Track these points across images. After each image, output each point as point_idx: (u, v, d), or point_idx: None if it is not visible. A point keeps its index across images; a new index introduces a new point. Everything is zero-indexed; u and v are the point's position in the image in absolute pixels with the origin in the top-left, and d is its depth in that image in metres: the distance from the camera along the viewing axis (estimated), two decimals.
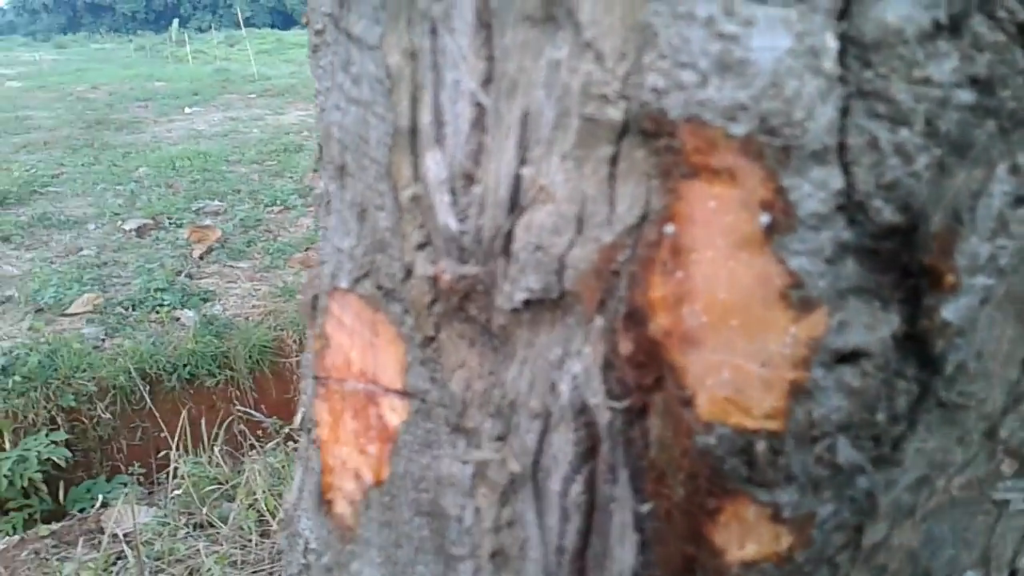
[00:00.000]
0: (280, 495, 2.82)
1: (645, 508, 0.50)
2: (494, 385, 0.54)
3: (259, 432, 3.19)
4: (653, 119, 0.44)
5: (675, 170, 0.45)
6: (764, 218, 0.44)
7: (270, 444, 3.04)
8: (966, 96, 0.43)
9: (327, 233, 0.64)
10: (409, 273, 0.55)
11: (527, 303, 0.49)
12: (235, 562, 2.32)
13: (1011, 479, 0.51)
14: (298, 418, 1.33)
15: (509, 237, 0.50)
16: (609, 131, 0.45)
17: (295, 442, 3.17)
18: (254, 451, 2.99)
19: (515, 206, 0.49)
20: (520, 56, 0.48)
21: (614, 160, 0.46)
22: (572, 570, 0.54)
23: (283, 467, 2.72)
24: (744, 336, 0.46)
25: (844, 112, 0.43)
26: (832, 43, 0.42)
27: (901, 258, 0.45)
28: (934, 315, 0.45)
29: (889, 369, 0.46)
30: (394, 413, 0.59)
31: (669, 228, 0.46)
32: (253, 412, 3.30)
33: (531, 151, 0.48)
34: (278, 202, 5.59)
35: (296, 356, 3.90)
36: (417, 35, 0.51)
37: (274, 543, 2.62)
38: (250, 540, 2.40)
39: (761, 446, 0.47)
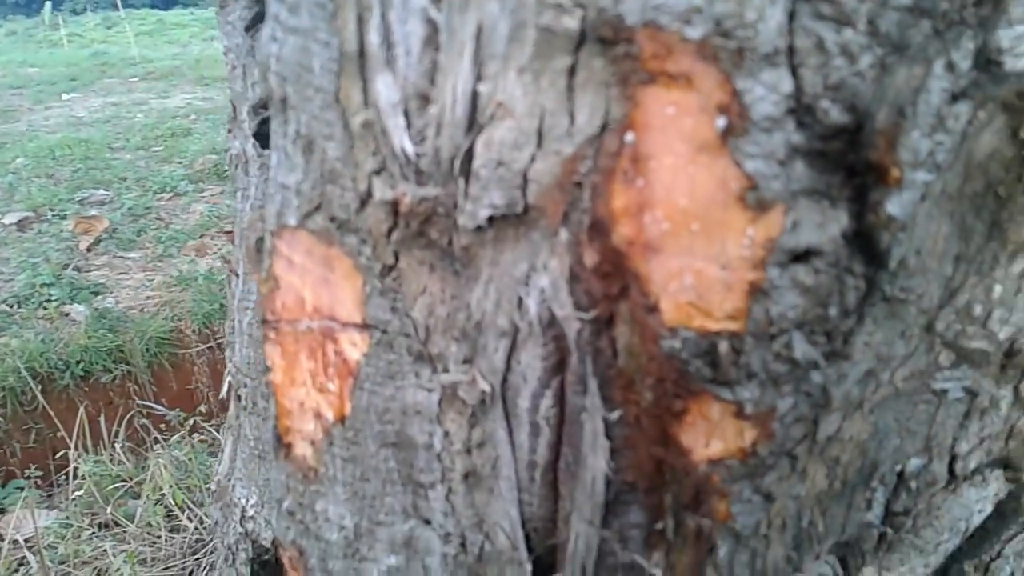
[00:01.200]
0: (189, 488, 2.77)
1: (615, 415, 0.51)
2: (458, 309, 0.54)
3: (162, 426, 3.12)
4: (610, 25, 0.44)
5: (633, 77, 0.46)
6: (721, 121, 0.45)
7: (175, 437, 2.98)
8: None
9: (268, 172, 0.63)
10: (364, 202, 0.55)
11: (491, 220, 0.49)
12: (145, 560, 2.27)
13: (948, 370, 0.54)
14: (224, 387, 1.31)
15: (469, 156, 0.50)
16: (566, 41, 0.46)
17: (201, 433, 3.12)
18: (158, 445, 2.93)
19: (473, 124, 0.49)
20: None
21: (572, 71, 0.47)
22: (544, 483, 0.55)
23: (190, 460, 2.67)
24: (704, 240, 0.47)
25: (792, 15, 0.45)
26: None
27: (847, 158, 0.48)
28: (879, 210, 0.48)
29: (839, 266, 0.48)
30: (354, 347, 0.59)
31: (629, 136, 0.47)
32: (154, 406, 3.23)
33: (487, 67, 0.48)
34: (168, 189, 5.39)
35: (196, 346, 3.81)
36: None
37: (184, 537, 2.58)
38: (159, 536, 2.36)
39: (723, 346, 0.48)
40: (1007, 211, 0.51)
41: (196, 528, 2.71)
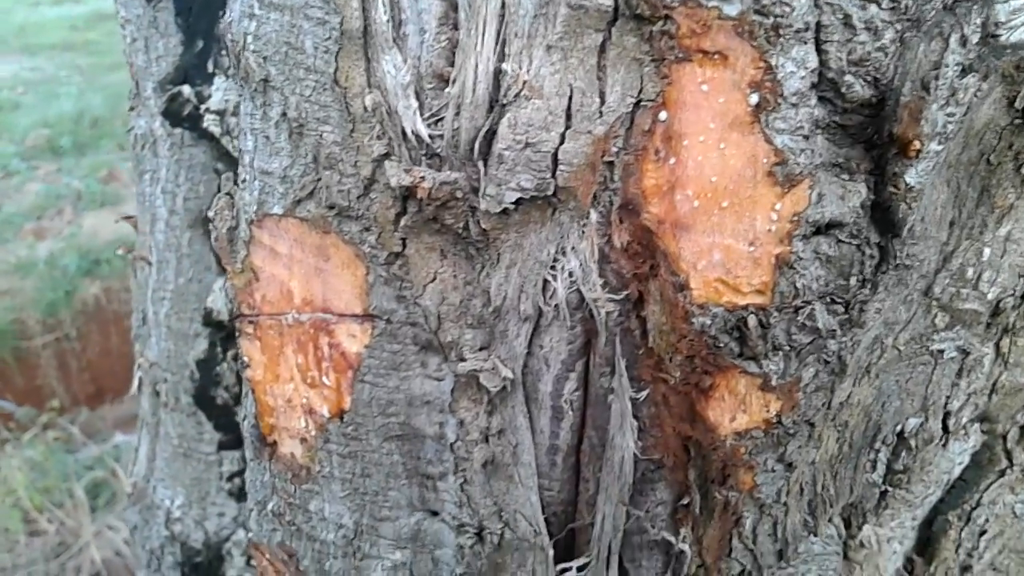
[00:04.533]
0: (47, 490, 2.63)
1: (643, 395, 0.51)
2: (472, 295, 0.52)
3: (11, 425, 2.95)
4: (648, 2, 0.44)
5: (669, 54, 0.45)
6: (754, 97, 0.45)
7: (26, 436, 2.82)
8: None
9: (243, 157, 0.59)
10: (368, 187, 0.52)
11: (516, 203, 0.48)
12: (4, 568, 2.16)
13: (943, 331, 0.57)
14: (134, 383, 1.24)
15: (490, 138, 0.48)
16: (598, 18, 0.45)
17: (55, 431, 2.96)
18: (8, 445, 2.77)
19: (495, 104, 0.48)
20: None
21: (603, 48, 0.46)
22: (566, 467, 0.55)
23: (45, 459, 2.53)
24: (733, 216, 0.47)
25: None
26: None
27: (866, 131, 0.48)
28: (899, 182, 0.49)
29: (860, 236, 0.50)
30: (353, 339, 0.56)
31: (662, 115, 0.46)
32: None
33: (511, 44, 0.47)
34: None
35: (42, 336, 3.61)
36: None
37: (45, 541, 2.46)
38: (18, 541, 2.24)
39: (752, 320, 0.49)
40: (995, 177, 0.54)
41: (58, 531, 2.57)
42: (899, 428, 0.58)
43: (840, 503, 0.58)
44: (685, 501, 0.53)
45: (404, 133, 0.50)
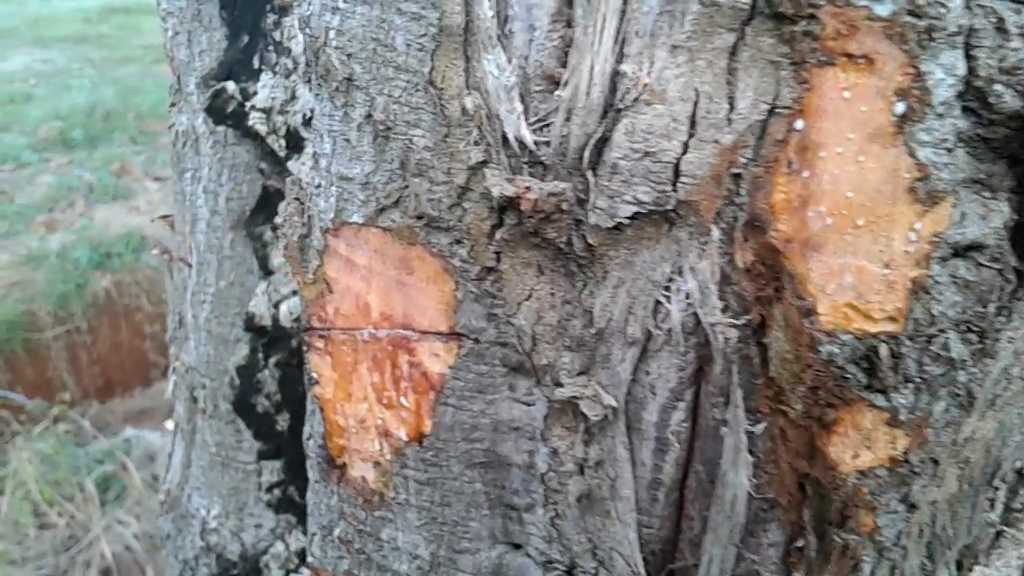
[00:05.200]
0: (57, 483, 2.62)
1: (759, 428, 0.47)
2: (572, 315, 0.48)
3: (22, 417, 2.92)
4: (793, 0, 0.40)
5: (810, 57, 0.41)
6: (900, 106, 0.41)
7: (37, 429, 2.79)
8: None
9: (319, 161, 0.55)
10: (461, 197, 0.48)
11: (632, 218, 0.44)
12: (14, 560, 2.13)
13: None
14: (169, 387, 1.20)
15: (602, 146, 0.44)
16: (732, 16, 0.41)
17: (66, 423, 2.94)
18: (19, 438, 2.75)
19: (609, 110, 0.44)
20: None
21: (734, 50, 0.42)
22: (668, 503, 0.51)
23: (56, 452, 2.51)
24: (868, 236, 0.43)
25: None
26: None
27: (1011, 145, 0.44)
28: None
29: (1001, 260, 0.45)
30: (436, 359, 0.52)
31: (799, 123, 0.42)
32: (10, 395, 3.01)
33: (631, 44, 0.43)
34: (10, 159, 4.98)
35: (53, 329, 3.59)
36: None
37: (55, 534, 2.44)
38: (27, 534, 2.21)
39: (883, 350, 0.45)
40: None
41: (67, 524, 2.56)
42: (1019, 465, 0.54)
43: (958, 545, 0.54)
44: (799, 544, 0.49)
45: (505, 139, 0.46)
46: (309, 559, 0.64)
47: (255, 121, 0.96)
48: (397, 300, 0.53)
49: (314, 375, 0.59)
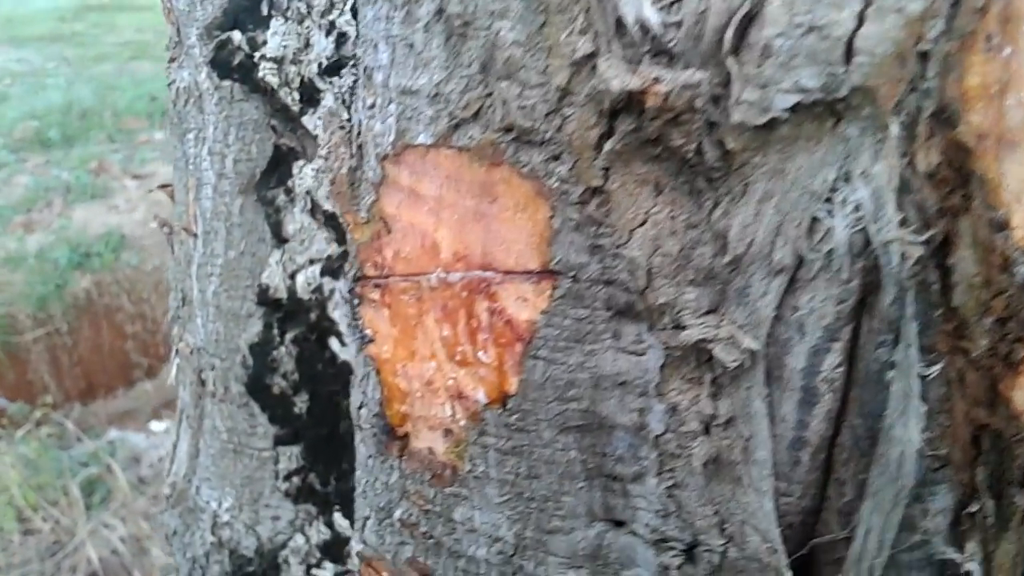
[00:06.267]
0: (40, 487, 2.55)
1: (934, 370, 0.39)
2: (697, 242, 0.40)
3: (3, 421, 2.84)
4: None
5: None
6: None
7: (19, 432, 2.72)
8: None
9: (372, 76, 0.47)
10: (561, 101, 0.40)
11: (793, 110, 0.36)
12: None
13: None
14: (172, 372, 1.11)
15: (746, 24, 0.36)
16: None
17: (49, 426, 2.87)
18: (0, 442, 2.66)
19: None
20: None
21: None
22: (814, 466, 0.42)
23: (39, 456, 2.43)
24: None
25: None
26: None
27: None
28: None
29: None
30: (524, 304, 0.44)
31: None
32: None
33: None
34: None
35: (33, 331, 3.51)
36: None
37: (40, 540, 2.37)
38: (11, 540, 2.14)
39: None
40: None
41: (52, 529, 2.48)
42: None
43: None
44: (972, 509, 0.41)
45: (620, 24, 0.37)
46: (359, 547, 0.56)
47: (265, 73, 0.86)
48: (474, 235, 0.44)
49: (368, 332, 0.50)
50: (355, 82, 0.51)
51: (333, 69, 0.57)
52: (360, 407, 0.52)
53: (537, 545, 0.48)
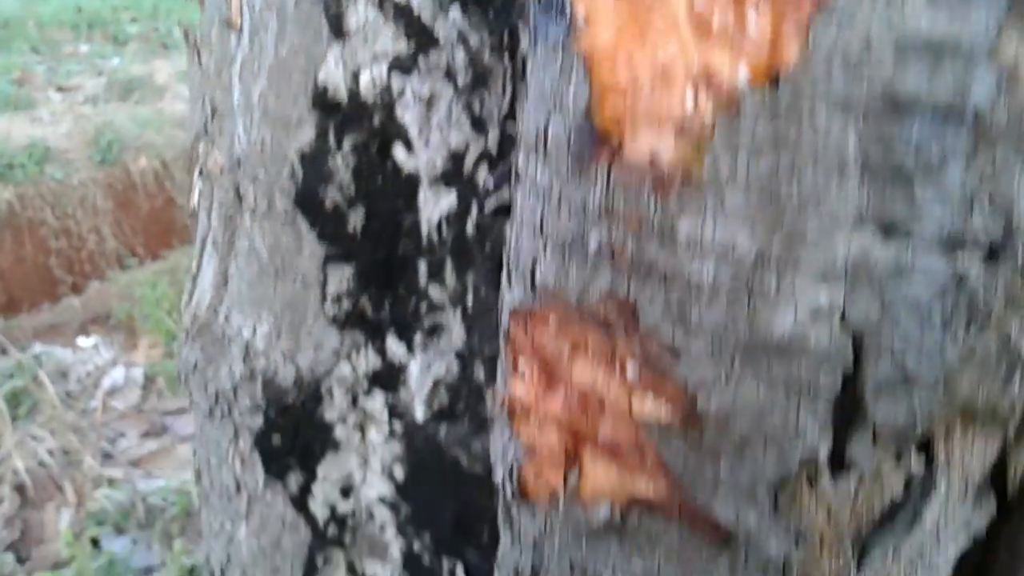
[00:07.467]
0: None
1: None
2: None
3: None
4: None
5: None
6: None
7: None
8: None
9: None
10: None
11: None
12: None
13: None
14: (193, 198, 1.00)
15: None
16: None
17: None
18: None
19: None
20: None
21: None
22: None
23: None
24: None
25: None
26: None
27: None
28: None
29: None
30: None
31: None
32: None
33: None
34: None
35: None
36: None
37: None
38: None
39: None
40: None
41: None
42: None
43: None
44: None
45: None
46: (518, 300, 0.48)
47: None
48: None
49: (579, 15, 0.42)
50: None
51: None
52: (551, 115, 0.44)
53: (781, 262, 0.40)
